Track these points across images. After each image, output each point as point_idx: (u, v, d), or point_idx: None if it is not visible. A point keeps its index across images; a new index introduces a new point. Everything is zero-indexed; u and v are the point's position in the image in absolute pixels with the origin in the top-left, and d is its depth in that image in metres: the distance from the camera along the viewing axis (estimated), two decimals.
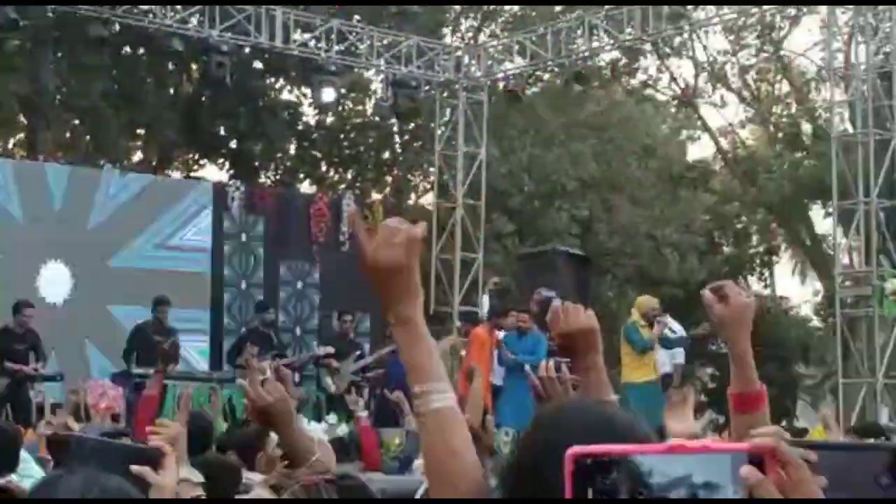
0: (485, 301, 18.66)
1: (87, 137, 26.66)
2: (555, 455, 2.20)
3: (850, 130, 20.39)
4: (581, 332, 3.31)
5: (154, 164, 26.29)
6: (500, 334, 16.67)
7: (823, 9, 24.26)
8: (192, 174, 27.51)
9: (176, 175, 26.74)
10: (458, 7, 28.29)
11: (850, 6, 20.15)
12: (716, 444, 1.60)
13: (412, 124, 25.66)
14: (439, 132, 23.38)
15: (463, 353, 16.59)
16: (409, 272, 2.40)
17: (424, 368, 2.39)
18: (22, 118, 26.57)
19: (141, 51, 24.78)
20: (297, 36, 20.99)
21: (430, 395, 2.36)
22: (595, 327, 3.33)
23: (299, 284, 20.80)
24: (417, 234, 2.39)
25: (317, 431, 10.04)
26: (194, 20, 19.74)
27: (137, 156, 27.67)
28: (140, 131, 26.74)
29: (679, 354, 16.39)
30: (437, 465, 2.34)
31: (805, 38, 34.77)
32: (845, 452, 1.91)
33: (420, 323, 2.45)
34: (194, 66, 24.07)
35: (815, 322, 33.85)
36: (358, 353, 17.02)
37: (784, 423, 15.25)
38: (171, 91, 25.92)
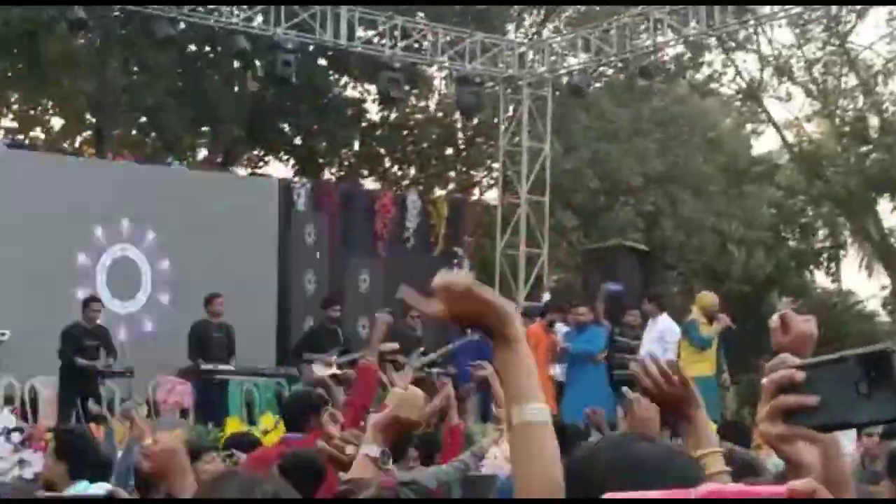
0: (546, 297, 18.67)
1: (153, 135, 26.94)
2: (580, 491, 2.26)
3: None
4: (672, 395, 3.22)
5: (220, 160, 26.49)
6: (564, 329, 16.71)
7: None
8: (257, 171, 27.70)
9: (241, 172, 26.93)
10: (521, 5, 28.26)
11: None
12: (755, 488, 1.63)
13: (476, 120, 25.68)
14: (503, 128, 23.39)
15: None
16: (490, 304, 2.44)
17: (523, 386, 2.43)
18: (89, 116, 26.89)
19: (206, 48, 24.97)
20: (361, 33, 21.10)
21: (525, 410, 2.39)
22: (684, 393, 3.21)
23: (364, 280, 20.87)
24: (467, 283, 2.44)
25: None
26: (259, 18, 19.91)
27: (203, 153, 27.90)
28: (205, 128, 26.94)
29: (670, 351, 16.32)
30: (527, 480, 2.38)
31: (872, 30, 34.43)
32: (827, 369, 1.94)
33: (524, 344, 2.47)
34: (259, 64, 24.23)
35: (883, 317, 33.55)
36: (421, 349, 17.05)
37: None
38: (236, 88, 26.11)
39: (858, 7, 30.12)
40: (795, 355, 2.94)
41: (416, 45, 21.57)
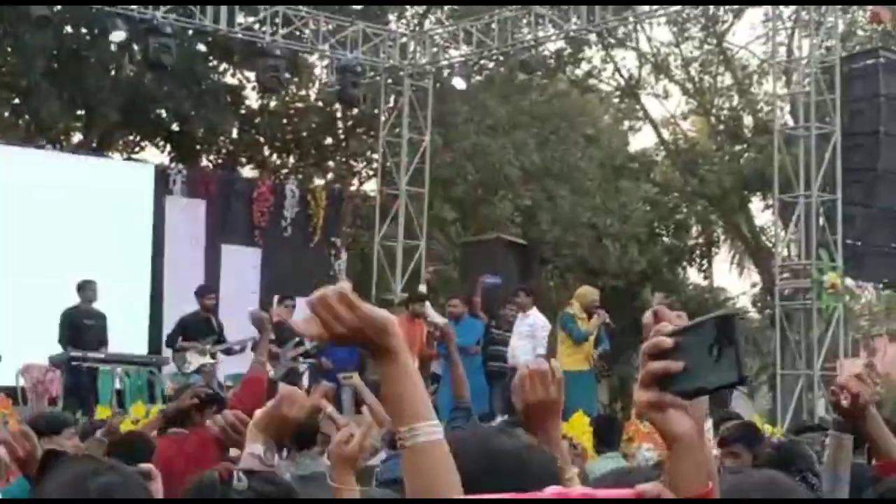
0: (423, 289, 18.69)
1: (27, 117, 26.38)
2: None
3: (792, 124, 20.54)
4: (543, 402, 3.23)
5: (95, 145, 26.04)
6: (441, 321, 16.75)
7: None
8: (133, 156, 27.29)
9: (117, 157, 26.51)
10: None
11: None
12: (602, 491, 1.78)
13: (356, 110, 25.59)
14: (383, 119, 23.34)
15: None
16: (368, 317, 2.35)
17: (411, 402, 2.34)
18: None
19: (83, 30, 24.52)
20: (242, 19, 20.88)
21: (417, 431, 2.31)
22: (559, 400, 3.23)
23: (240, 268, 20.70)
24: (341, 291, 2.33)
25: None
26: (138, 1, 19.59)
27: (77, 137, 27.40)
28: (80, 112, 26.46)
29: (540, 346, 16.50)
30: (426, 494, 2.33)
31: (748, 31, 35.00)
32: (692, 335, 1.99)
33: (406, 355, 2.37)
34: (137, 48, 23.85)
35: (753, 314, 34.17)
36: (297, 339, 16.92)
37: (720, 412, 15.31)
38: (113, 72, 25.67)
39: (736, 7, 30.59)
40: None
41: (298, 33, 21.40)
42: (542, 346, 16.45)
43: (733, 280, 38.81)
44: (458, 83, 22.49)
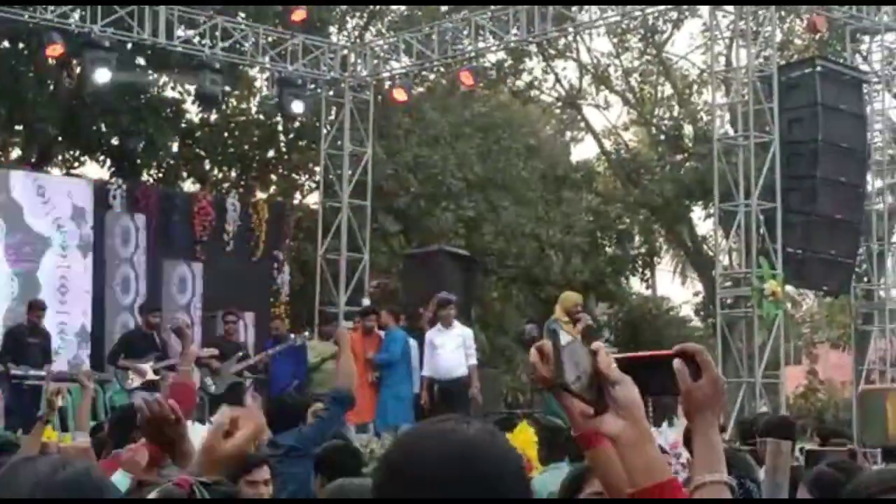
0: (366, 302, 18.66)
1: None
2: (400, 482, 2.23)
3: (732, 133, 20.69)
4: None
5: (34, 160, 25.79)
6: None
7: (705, 12, 24.56)
8: (72, 172, 27.05)
9: (56, 173, 26.26)
10: (344, 6, 28.16)
11: (731, 8, 20.41)
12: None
13: (297, 123, 25.49)
14: (325, 131, 23.28)
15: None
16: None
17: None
18: None
19: (20, 45, 24.28)
20: (181, 32, 20.77)
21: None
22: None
23: (182, 283, 20.57)
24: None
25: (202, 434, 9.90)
26: (76, 15, 19.43)
27: (16, 152, 27.12)
28: (19, 128, 26.20)
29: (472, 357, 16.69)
30: None
31: (687, 41, 35.24)
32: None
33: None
34: (75, 62, 23.65)
35: (696, 322, 34.35)
36: (240, 353, 16.85)
37: (665, 423, 15.38)
38: (52, 87, 25.44)
39: (675, 18, 30.80)
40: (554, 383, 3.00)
41: (238, 46, 21.32)
42: (473, 357, 16.56)
43: (676, 289, 39.12)
44: (400, 95, 22.47)
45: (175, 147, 27.88)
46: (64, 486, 2.34)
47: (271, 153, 29.12)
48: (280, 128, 28.03)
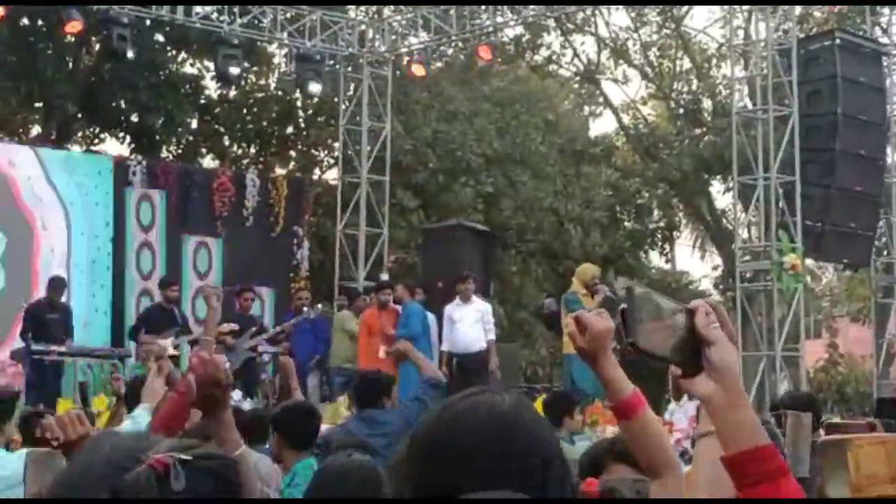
0: (384, 277, 18.69)
1: None
2: (445, 456, 2.24)
3: (750, 107, 20.64)
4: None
5: (53, 137, 25.88)
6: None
7: None
8: (92, 148, 27.14)
9: (76, 149, 26.36)
10: None
11: None
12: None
13: (316, 99, 25.52)
14: (343, 107, 23.29)
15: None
16: None
17: None
18: None
19: (40, 22, 24.35)
20: (199, 9, 20.79)
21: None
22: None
23: (202, 259, 20.65)
24: None
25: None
26: None
27: (36, 129, 27.22)
28: (38, 105, 26.28)
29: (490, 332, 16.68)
30: None
31: (706, 14, 35.11)
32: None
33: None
34: (94, 39, 23.72)
35: (715, 296, 34.30)
36: (253, 329, 16.88)
37: (685, 397, 15.39)
38: (71, 64, 25.51)
39: None
40: (593, 354, 3.02)
41: (256, 22, 21.33)
42: (491, 332, 16.59)
43: (695, 263, 39.07)
44: (418, 70, 22.47)
45: (194, 123, 27.97)
46: None
47: (290, 129, 29.17)
48: (299, 104, 28.06)
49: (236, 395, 14.07)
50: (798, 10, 23.85)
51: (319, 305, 18.62)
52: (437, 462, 2.24)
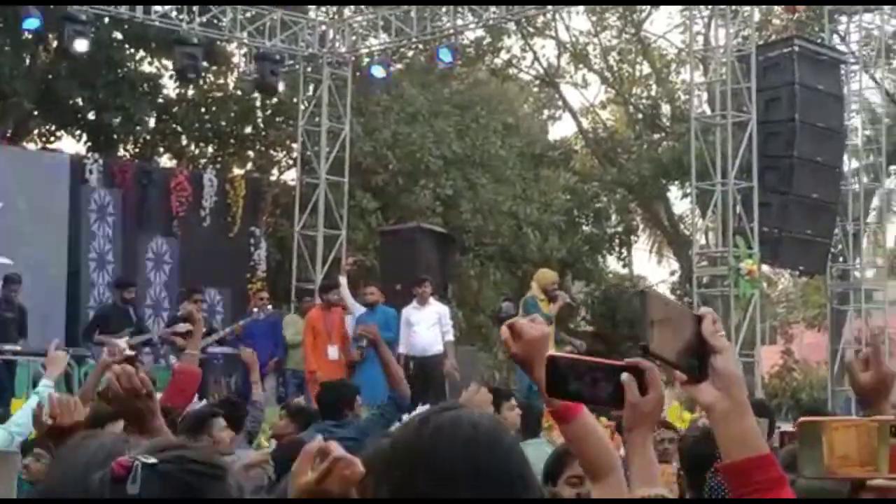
0: (342, 280, 18.63)
1: None
2: (421, 470, 2.23)
3: (709, 112, 20.71)
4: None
5: (9, 134, 25.66)
6: (360, 310, 16.75)
7: None
8: (48, 146, 26.93)
9: (32, 147, 26.15)
10: None
11: None
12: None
13: (275, 99, 25.41)
14: (303, 107, 23.21)
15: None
16: None
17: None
18: None
19: None
20: (159, 7, 20.68)
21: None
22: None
23: (158, 259, 20.53)
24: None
25: None
26: None
27: None
28: None
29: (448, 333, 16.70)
30: None
31: (666, 20, 35.31)
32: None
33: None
34: (52, 36, 23.52)
35: None
36: (204, 329, 16.77)
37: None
38: (28, 61, 25.30)
39: None
40: (529, 361, 3.04)
41: (216, 21, 21.23)
42: (449, 334, 16.60)
43: (653, 268, 39.23)
44: (378, 72, 22.42)
45: (152, 122, 27.79)
46: None
47: (249, 129, 29.03)
48: (258, 104, 27.94)
49: None
50: (757, 16, 23.98)
51: (270, 307, 18.51)
52: (416, 473, 2.24)
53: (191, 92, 27.70)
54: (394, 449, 2.34)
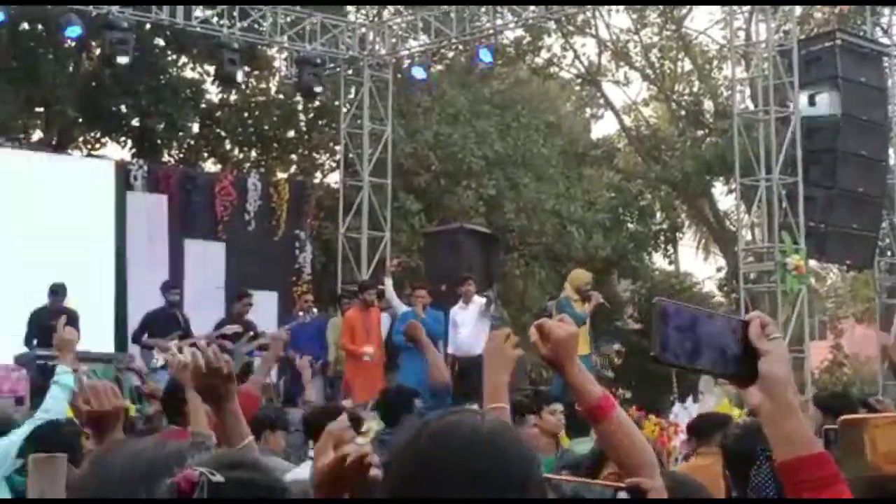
0: (388, 281, 18.64)
1: None
2: (417, 474, 2.23)
3: (752, 108, 20.60)
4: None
5: (54, 142, 25.87)
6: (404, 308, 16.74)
7: None
8: (93, 153, 27.12)
9: (77, 154, 26.35)
10: None
11: None
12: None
13: (317, 102, 25.47)
14: (344, 110, 23.27)
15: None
16: None
17: None
18: None
19: (40, 27, 24.34)
20: (199, 13, 20.78)
21: None
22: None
23: (204, 263, 20.62)
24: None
25: None
26: None
27: (37, 134, 27.21)
28: (39, 109, 26.26)
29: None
30: None
31: (707, 16, 35.14)
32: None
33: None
34: (94, 43, 23.69)
35: (719, 298, 34.27)
36: (251, 333, 16.86)
37: (689, 399, 15.36)
38: (71, 68, 25.49)
39: None
40: (559, 361, 3.05)
41: (256, 26, 21.31)
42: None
43: (699, 265, 39.05)
44: (418, 73, 22.45)
45: (196, 128, 27.96)
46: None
47: (291, 133, 29.15)
48: (300, 107, 28.05)
49: None
50: (798, 10, 23.83)
51: (315, 310, 18.54)
52: (416, 479, 2.24)
53: (233, 97, 27.85)
54: (393, 452, 2.34)
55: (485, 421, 2.34)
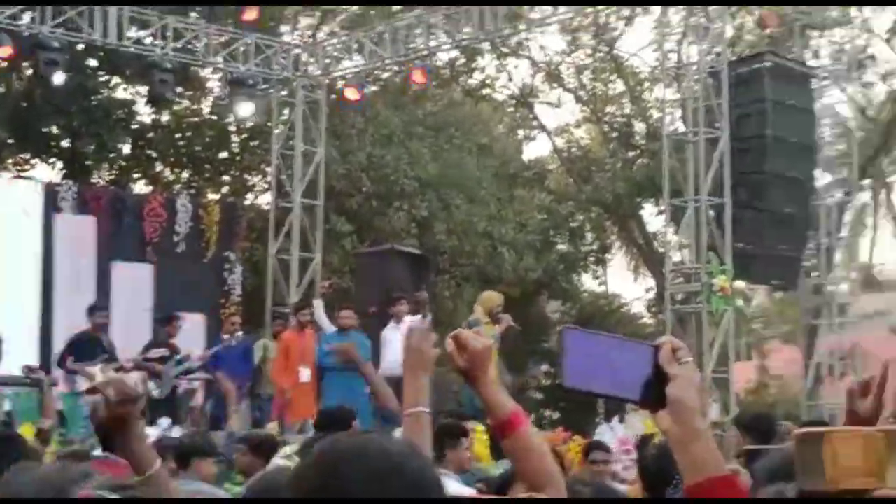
0: (318, 304, 18.62)
1: None
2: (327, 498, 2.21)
3: (682, 129, 20.78)
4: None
5: None
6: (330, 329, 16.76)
7: (657, 9, 24.66)
8: (22, 174, 26.84)
9: (6, 175, 26.07)
10: (297, 6, 28.08)
11: (682, 6, 20.52)
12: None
13: (250, 123, 25.42)
14: (277, 131, 23.22)
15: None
16: None
17: None
18: None
19: None
20: (132, 33, 20.68)
21: None
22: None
23: (133, 285, 20.48)
24: None
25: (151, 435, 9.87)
26: (26, 17, 19.28)
27: None
28: None
29: None
30: None
31: (639, 38, 35.42)
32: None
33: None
34: (25, 64, 23.49)
35: (647, 319, 34.50)
36: (178, 357, 16.78)
37: (615, 419, 15.43)
38: (3, 89, 25.26)
39: (626, 14, 30.88)
40: (473, 373, 3.08)
41: (189, 46, 21.24)
42: None
43: (629, 286, 39.22)
44: (352, 94, 22.46)
45: (127, 149, 27.75)
46: None
47: (223, 154, 29.02)
48: (232, 128, 27.93)
49: (164, 422, 13.96)
50: (730, 33, 24.08)
51: (240, 332, 18.38)
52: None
53: (165, 118, 27.70)
54: (296, 479, 2.27)
55: (392, 443, 2.33)
